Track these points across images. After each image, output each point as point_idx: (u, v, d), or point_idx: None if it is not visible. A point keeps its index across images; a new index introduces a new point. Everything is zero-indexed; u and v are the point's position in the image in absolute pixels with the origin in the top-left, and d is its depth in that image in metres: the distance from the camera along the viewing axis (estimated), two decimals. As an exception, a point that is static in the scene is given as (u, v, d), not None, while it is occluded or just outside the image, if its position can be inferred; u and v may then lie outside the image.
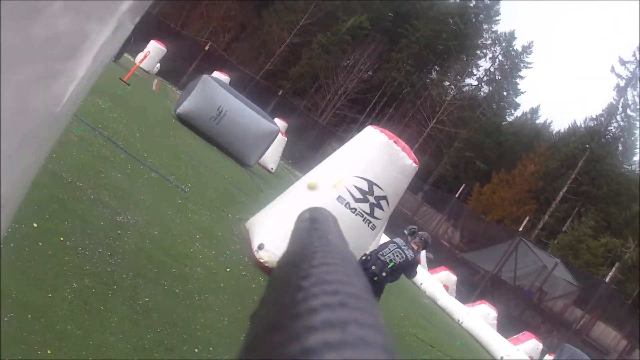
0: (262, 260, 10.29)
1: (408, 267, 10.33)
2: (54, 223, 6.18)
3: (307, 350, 0.48)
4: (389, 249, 10.21)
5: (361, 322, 0.54)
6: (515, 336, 29.77)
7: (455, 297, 31.78)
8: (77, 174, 8.19)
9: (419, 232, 10.95)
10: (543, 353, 30.61)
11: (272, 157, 32.61)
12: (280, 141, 31.69)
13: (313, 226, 1.10)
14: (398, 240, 10.54)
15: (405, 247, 10.27)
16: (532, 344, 28.86)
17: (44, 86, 1.09)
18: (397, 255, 10.11)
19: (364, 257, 10.35)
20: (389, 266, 9.97)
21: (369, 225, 10.97)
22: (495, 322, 30.37)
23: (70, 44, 1.08)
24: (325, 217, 1.24)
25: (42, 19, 1.00)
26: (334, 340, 0.49)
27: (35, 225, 5.85)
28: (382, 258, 10.07)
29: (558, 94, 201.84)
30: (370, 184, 11.00)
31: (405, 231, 11.07)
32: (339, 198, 10.84)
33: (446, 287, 31.97)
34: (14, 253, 5.20)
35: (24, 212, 5.86)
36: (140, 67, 36.74)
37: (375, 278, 9.93)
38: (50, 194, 6.82)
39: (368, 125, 12.28)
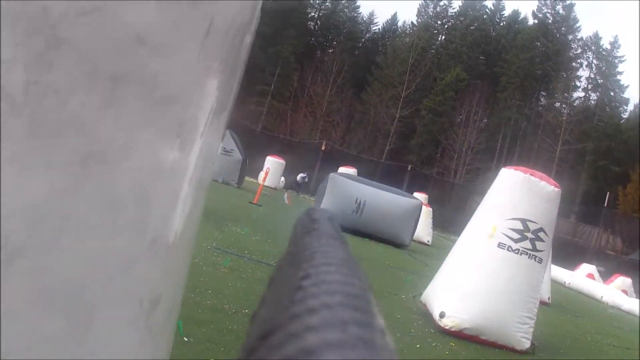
0: (447, 327, 10.24)
1: None
2: (231, 354, 6.17)
3: (306, 350, 0.48)
4: None
5: (361, 322, 0.55)
6: None
7: (637, 297, 31.46)
8: (239, 303, 8.24)
9: None
10: None
11: (424, 230, 32.56)
12: (426, 213, 31.62)
13: (313, 226, 1.11)
14: None
15: None
16: None
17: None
18: None
19: None
20: None
21: (535, 260, 10.99)
22: (685, 303, 29.70)
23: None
24: (325, 217, 1.27)
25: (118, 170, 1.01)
26: (334, 340, 0.49)
27: (212, 360, 5.93)
28: None
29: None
30: (524, 221, 11.05)
31: None
32: (500, 245, 10.88)
33: (625, 291, 31.77)
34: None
35: (197, 350, 5.97)
36: (266, 186, 37.16)
37: None
38: (218, 329, 6.85)
39: (501, 169, 12.46)
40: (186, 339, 6.05)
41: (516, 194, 11.32)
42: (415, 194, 37.06)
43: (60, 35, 0.91)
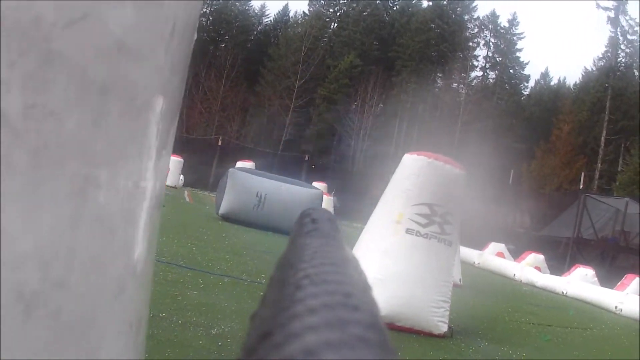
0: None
1: None
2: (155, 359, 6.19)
3: (306, 350, 0.47)
4: None
5: (361, 322, 0.54)
6: (619, 283, 29.72)
7: (550, 273, 32.31)
8: (155, 306, 8.14)
9: None
10: (650, 286, 30.59)
11: (327, 219, 32.18)
12: (328, 202, 31.72)
13: (313, 226, 1.15)
14: None
15: None
16: (636, 283, 28.80)
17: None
18: None
19: None
20: None
21: (445, 243, 11.10)
22: (596, 279, 30.70)
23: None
24: (325, 217, 1.29)
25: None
26: (334, 340, 0.48)
27: (137, 368, 5.76)
28: None
29: (559, 49, 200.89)
30: (430, 206, 11.08)
31: None
32: (408, 230, 10.90)
33: (538, 268, 32.58)
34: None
35: None
36: (166, 185, 36.91)
37: None
38: (138, 335, 6.71)
39: (404, 155, 12.29)
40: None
41: (421, 179, 11.39)
42: (315, 184, 37.28)
43: (54, 49, 0.83)
